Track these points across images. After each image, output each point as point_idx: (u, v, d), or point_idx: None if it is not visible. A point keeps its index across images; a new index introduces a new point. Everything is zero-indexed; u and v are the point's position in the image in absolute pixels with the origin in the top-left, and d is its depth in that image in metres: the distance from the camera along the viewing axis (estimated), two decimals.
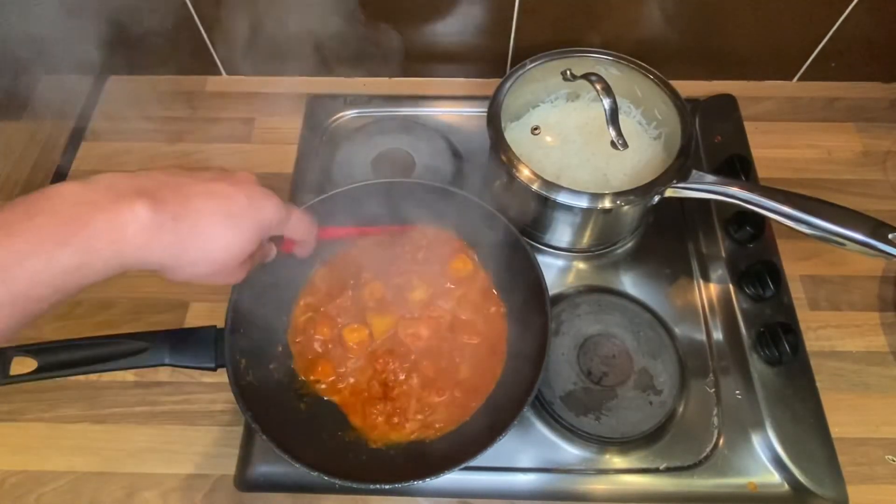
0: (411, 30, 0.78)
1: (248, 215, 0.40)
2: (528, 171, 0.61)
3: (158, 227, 0.35)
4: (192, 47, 0.81)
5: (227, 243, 0.39)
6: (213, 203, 0.38)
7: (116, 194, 0.34)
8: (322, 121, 0.82)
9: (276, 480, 0.58)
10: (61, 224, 0.32)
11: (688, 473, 0.58)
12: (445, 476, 0.49)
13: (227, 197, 0.39)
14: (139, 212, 0.34)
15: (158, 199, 0.35)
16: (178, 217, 0.36)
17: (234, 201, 0.39)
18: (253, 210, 0.40)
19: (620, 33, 0.78)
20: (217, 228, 0.38)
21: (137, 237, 0.34)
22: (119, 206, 0.34)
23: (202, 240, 0.38)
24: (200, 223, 0.37)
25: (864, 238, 0.54)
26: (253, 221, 0.40)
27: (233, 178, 0.41)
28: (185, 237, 0.36)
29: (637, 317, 0.64)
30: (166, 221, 0.35)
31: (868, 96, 0.83)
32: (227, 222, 0.39)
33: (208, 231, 0.38)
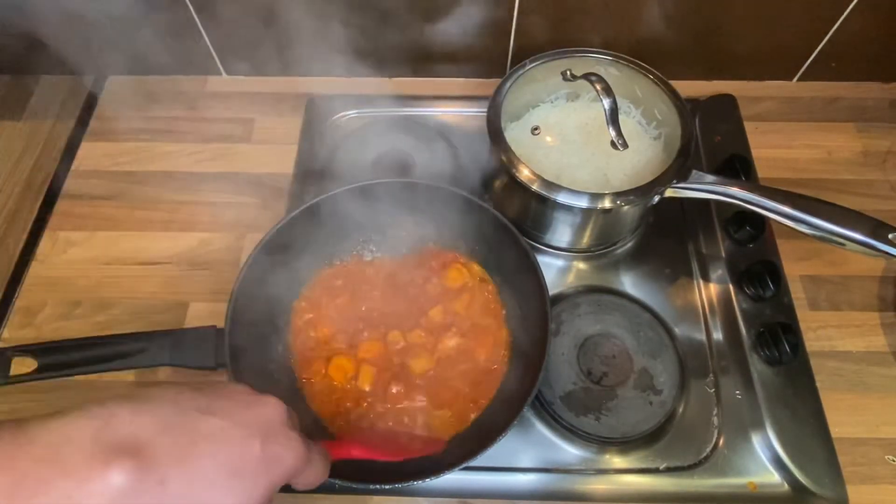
0: (411, 30, 0.78)
1: (259, 472, 0.32)
2: (528, 171, 0.61)
3: (137, 495, 0.28)
4: (192, 47, 0.81)
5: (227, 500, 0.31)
6: (217, 456, 0.30)
7: (98, 447, 0.27)
8: (322, 121, 0.82)
9: None
10: (13, 487, 0.26)
11: (688, 473, 0.58)
12: (445, 476, 0.49)
13: (236, 446, 0.31)
14: (113, 480, 0.27)
15: (148, 456, 0.28)
16: (166, 480, 0.28)
17: (244, 453, 0.31)
18: (267, 464, 0.32)
19: (620, 33, 0.78)
20: (216, 491, 0.30)
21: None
22: (91, 470, 0.27)
23: (194, 497, 0.30)
24: (195, 485, 0.29)
25: (864, 238, 0.54)
26: (265, 479, 0.32)
27: (254, 413, 0.33)
28: (170, 497, 0.29)
29: (637, 317, 0.64)
30: (151, 487, 0.28)
31: (868, 96, 0.83)
32: (231, 483, 0.31)
33: (203, 495, 0.30)
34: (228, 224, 0.73)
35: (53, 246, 0.73)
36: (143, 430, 0.29)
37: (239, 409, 0.33)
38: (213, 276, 0.69)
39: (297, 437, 0.35)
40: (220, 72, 0.86)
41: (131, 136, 0.81)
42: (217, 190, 0.76)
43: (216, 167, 0.78)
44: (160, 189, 0.76)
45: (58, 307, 0.68)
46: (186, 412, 0.31)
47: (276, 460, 0.33)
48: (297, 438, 0.35)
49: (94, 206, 0.75)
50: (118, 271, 0.70)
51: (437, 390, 0.59)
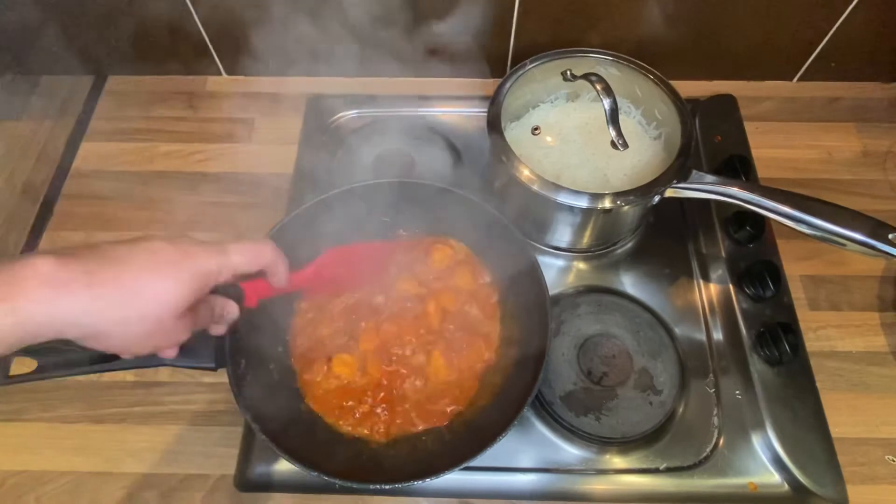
0: (411, 30, 0.78)
1: (178, 264, 0.38)
2: (528, 171, 0.61)
3: (66, 283, 0.33)
4: (192, 47, 0.81)
5: (157, 293, 0.36)
6: (137, 255, 0.36)
7: (20, 258, 0.33)
8: (322, 121, 0.82)
9: (276, 480, 0.58)
10: None
11: (688, 473, 0.58)
12: (445, 476, 0.49)
13: (153, 250, 0.37)
14: (39, 266, 0.32)
15: (68, 255, 0.34)
16: (91, 272, 0.34)
17: (161, 253, 0.37)
18: (183, 257, 0.38)
19: (620, 33, 0.78)
20: (144, 279, 0.36)
21: (38, 293, 0.32)
22: (16, 262, 0.32)
23: (127, 293, 0.35)
24: (123, 276, 0.35)
25: (864, 238, 0.54)
26: (185, 269, 0.38)
27: (166, 237, 0.39)
28: (104, 293, 0.34)
29: (637, 317, 0.64)
30: (78, 276, 0.33)
31: (868, 96, 0.83)
32: (156, 273, 0.37)
33: (133, 283, 0.35)
34: (228, 224, 0.73)
35: (53, 246, 0.73)
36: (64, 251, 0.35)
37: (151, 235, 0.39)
38: None
39: (208, 243, 0.40)
40: (220, 72, 0.86)
41: (131, 136, 0.81)
42: (217, 190, 0.76)
43: (216, 167, 0.78)
44: (160, 189, 0.76)
45: None
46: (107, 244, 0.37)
47: (191, 254, 0.38)
48: (210, 244, 0.40)
49: (94, 206, 0.75)
50: None
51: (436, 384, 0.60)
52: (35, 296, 0.32)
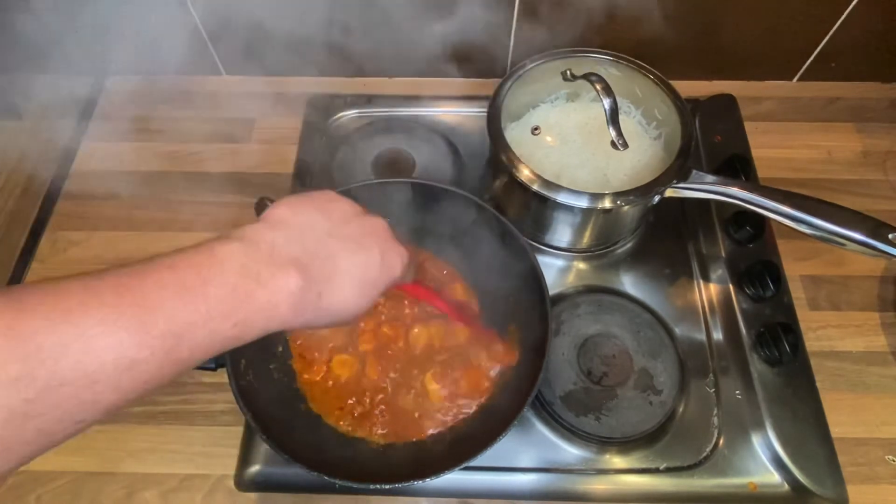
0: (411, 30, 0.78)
1: (380, 279, 0.41)
2: (528, 171, 0.61)
3: (304, 304, 0.36)
4: (192, 47, 0.81)
5: (357, 308, 0.40)
6: (354, 273, 0.39)
7: (275, 266, 0.35)
8: (322, 121, 0.82)
9: (276, 480, 0.58)
10: (229, 297, 0.33)
11: (688, 473, 0.58)
12: (445, 476, 0.49)
13: (365, 264, 0.40)
14: (293, 289, 0.35)
15: (310, 275, 0.36)
16: (322, 294, 0.37)
17: (370, 266, 0.40)
18: (385, 271, 0.41)
19: (620, 33, 0.78)
20: (351, 297, 0.39)
21: (286, 312, 0.35)
22: (277, 282, 0.34)
23: (337, 309, 0.38)
24: (337, 295, 0.38)
25: (864, 238, 0.54)
26: (383, 284, 0.41)
27: (369, 230, 0.41)
28: (322, 309, 0.37)
29: (637, 317, 0.64)
30: (312, 299, 0.36)
31: (868, 96, 0.83)
32: (362, 290, 0.40)
33: (344, 302, 0.39)
34: (228, 224, 0.72)
35: (53, 246, 0.73)
36: (299, 254, 0.36)
37: (357, 230, 0.40)
38: None
39: (402, 247, 0.43)
40: (220, 72, 0.86)
41: (131, 136, 0.81)
42: (217, 190, 0.76)
43: (216, 167, 0.78)
44: (160, 189, 0.76)
45: None
46: (324, 239, 0.38)
47: (390, 267, 0.41)
48: (402, 248, 0.43)
49: (94, 206, 0.75)
50: None
51: None
52: (284, 316, 0.35)
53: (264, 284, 0.34)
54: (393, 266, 0.42)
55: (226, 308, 0.32)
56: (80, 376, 0.28)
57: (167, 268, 0.32)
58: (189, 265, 0.32)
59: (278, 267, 0.35)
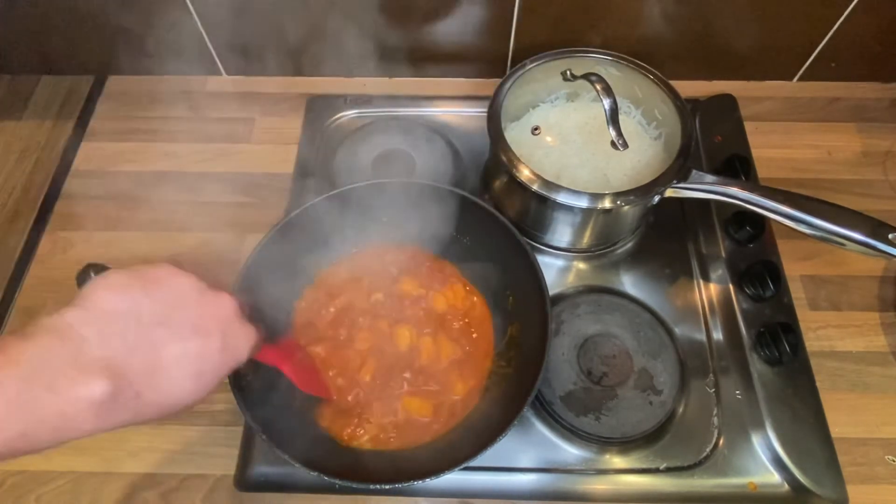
0: (411, 30, 0.78)
1: (221, 365, 0.38)
2: (528, 171, 0.61)
3: (116, 408, 0.33)
4: (192, 47, 0.81)
5: (192, 398, 0.37)
6: (185, 364, 0.35)
7: (78, 370, 0.31)
8: (322, 121, 0.82)
9: (276, 480, 0.58)
10: (6, 407, 0.29)
11: (688, 473, 0.58)
12: (445, 476, 0.49)
13: (200, 353, 0.36)
14: (97, 397, 0.31)
15: (125, 375, 0.33)
16: (142, 393, 0.34)
17: (207, 354, 0.36)
18: (227, 355, 0.38)
19: (620, 33, 0.78)
20: (182, 389, 0.36)
21: (88, 421, 0.32)
22: (76, 390, 0.31)
23: (164, 403, 0.35)
24: (163, 390, 0.35)
25: (864, 238, 0.54)
26: (226, 369, 0.38)
27: (210, 313, 0.37)
28: (145, 406, 0.34)
29: (637, 317, 0.64)
30: (128, 399, 0.33)
31: (868, 96, 0.83)
32: (198, 380, 0.36)
33: (171, 396, 0.35)
34: (228, 224, 0.73)
35: (53, 246, 0.73)
36: (114, 353, 0.32)
37: (196, 314, 0.36)
38: (213, 276, 0.69)
39: (249, 328, 0.40)
40: (220, 72, 0.86)
41: (131, 136, 0.81)
42: (217, 190, 0.76)
43: (216, 167, 0.78)
44: (160, 189, 0.76)
45: (58, 307, 0.67)
46: (149, 329, 0.34)
47: (232, 351, 0.38)
48: (250, 328, 0.40)
49: (94, 206, 0.75)
50: None
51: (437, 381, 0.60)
52: (85, 424, 0.32)
53: (57, 392, 0.30)
54: (237, 349, 0.38)
55: (3, 417, 0.29)
56: None
57: None
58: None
59: (80, 372, 0.31)
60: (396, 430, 0.57)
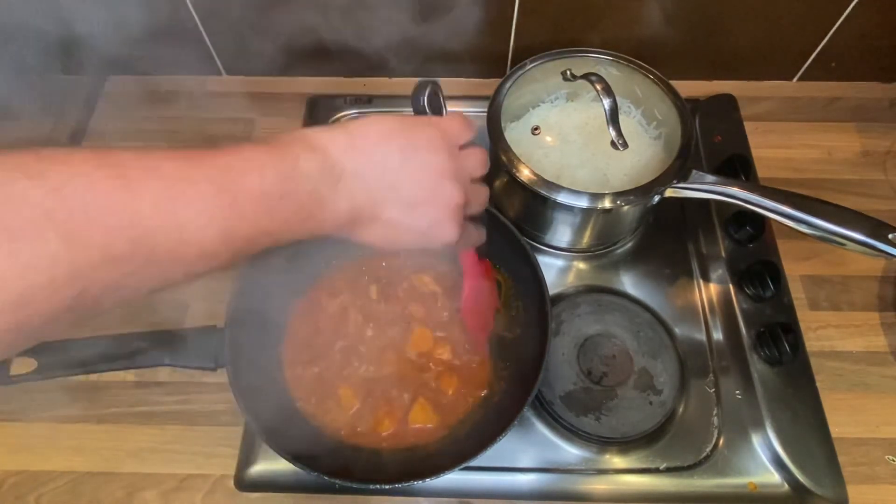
0: (411, 30, 0.78)
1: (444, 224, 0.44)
2: (528, 171, 0.61)
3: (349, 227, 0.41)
4: (192, 47, 0.81)
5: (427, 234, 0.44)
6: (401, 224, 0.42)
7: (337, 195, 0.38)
8: (322, 121, 0.82)
9: (276, 480, 0.58)
10: (295, 214, 0.37)
11: (688, 473, 0.58)
12: (445, 476, 0.49)
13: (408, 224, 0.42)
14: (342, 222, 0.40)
15: (360, 215, 0.40)
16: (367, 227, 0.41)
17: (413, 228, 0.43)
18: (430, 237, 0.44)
19: (620, 33, 0.78)
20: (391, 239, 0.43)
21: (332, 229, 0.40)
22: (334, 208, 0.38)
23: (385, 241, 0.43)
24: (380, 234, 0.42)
25: (864, 238, 0.54)
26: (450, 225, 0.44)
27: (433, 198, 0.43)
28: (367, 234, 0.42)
29: (637, 317, 0.64)
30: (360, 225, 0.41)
31: (868, 96, 0.83)
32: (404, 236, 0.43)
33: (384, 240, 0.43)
34: None
35: None
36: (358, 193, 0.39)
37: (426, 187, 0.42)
38: (213, 276, 0.69)
39: (454, 226, 0.44)
40: (220, 72, 0.86)
41: (131, 136, 0.81)
42: None
43: None
44: None
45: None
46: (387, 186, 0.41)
47: (434, 237, 0.44)
48: (454, 227, 0.44)
49: None
50: None
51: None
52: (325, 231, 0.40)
53: (322, 208, 0.38)
54: (439, 236, 0.44)
55: (295, 220, 0.37)
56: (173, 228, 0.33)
57: (258, 170, 0.35)
58: (277, 173, 0.35)
59: (337, 199, 0.38)
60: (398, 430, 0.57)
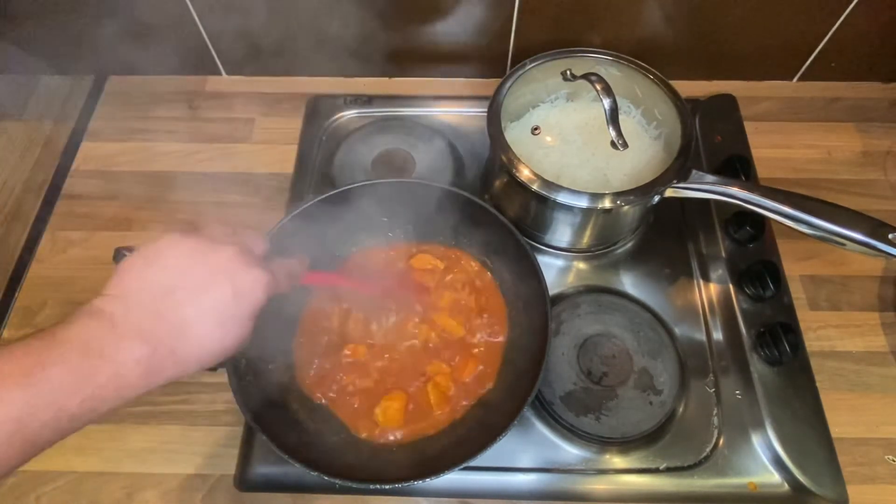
0: (412, 30, 0.78)
1: (240, 310, 0.41)
2: (528, 171, 0.61)
3: (158, 366, 0.37)
4: (192, 47, 0.81)
5: (223, 346, 0.40)
6: (206, 318, 0.39)
7: (118, 337, 0.36)
8: (322, 121, 0.82)
9: (276, 480, 0.58)
10: (71, 377, 0.34)
11: (688, 473, 0.58)
12: (445, 476, 0.49)
13: (215, 305, 0.40)
14: (139, 357, 0.36)
15: (158, 336, 0.37)
16: (176, 350, 0.38)
17: (221, 304, 0.40)
18: (243, 300, 0.41)
19: (620, 33, 0.78)
20: (212, 340, 0.40)
21: (138, 379, 0.37)
22: (121, 354, 0.36)
23: (200, 355, 0.40)
24: (194, 344, 0.39)
25: (864, 238, 0.54)
26: (247, 311, 0.41)
27: (216, 268, 0.40)
28: (182, 362, 0.39)
29: (637, 317, 0.64)
30: (165, 358, 0.38)
31: (868, 96, 0.83)
32: (223, 328, 0.40)
33: (203, 347, 0.40)
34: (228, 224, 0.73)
35: (53, 246, 0.73)
36: (140, 321, 0.37)
37: (203, 271, 0.40)
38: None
39: (257, 269, 0.42)
40: (220, 72, 0.86)
41: (131, 136, 0.81)
42: (217, 190, 0.76)
43: (216, 167, 0.78)
44: (160, 189, 0.76)
45: (58, 307, 0.68)
46: (169, 295, 0.39)
47: (247, 295, 0.41)
48: (257, 269, 0.42)
49: (94, 206, 0.75)
50: None
51: None
52: (137, 384, 0.36)
53: (109, 359, 0.35)
54: (251, 292, 0.41)
55: (69, 388, 0.34)
56: None
57: (5, 357, 0.33)
58: (26, 353, 0.34)
59: (121, 338, 0.36)
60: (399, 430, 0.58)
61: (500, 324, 0.63)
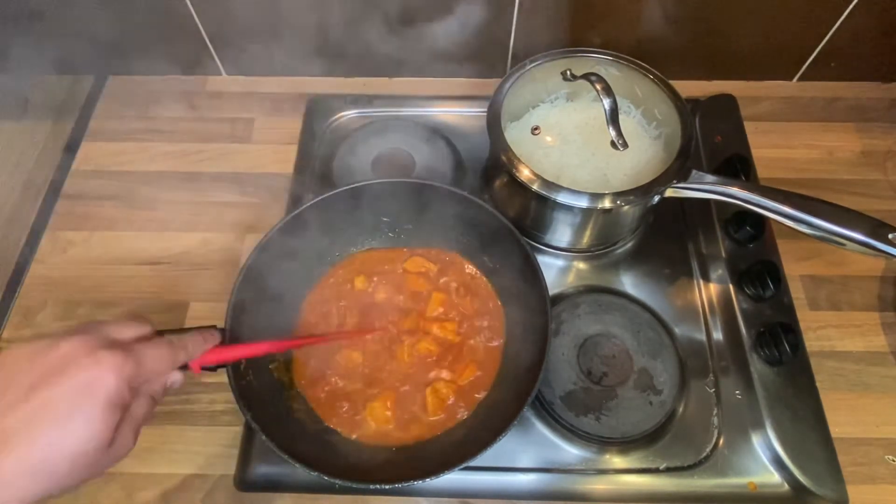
0: (412, 30, 0.78)
1: (81, 406, 0.35)
2: (528, 171, 0.61)
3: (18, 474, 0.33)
4: (192, 47, 0.81)
5: (63, 449, 0.35)
6: (33, 426, 0.34)
7: None
8: (322, 121, 0.82)
9: (276, 480, 0.58)
10: None
11: (688, 473, 0.58)
12: (445, 476, 0.49)
13: (45, 407, 0.34)
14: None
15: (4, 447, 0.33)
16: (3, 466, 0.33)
17: (54, 405, 0.35)
18: (82, 395, 0.35)
19: (620, 33, 0.78)
20: (43, 446, 0.34)
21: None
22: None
23: (30, 465, 0.34)
24: (20, 457, 0.34)
25: (864, 238, 0.54)
26: (89, 407, 0.36)
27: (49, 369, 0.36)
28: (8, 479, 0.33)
29: (637, 317, 0.64)
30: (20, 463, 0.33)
31: (868, 96, 0.83)
32: (57, 431, 0.34)
33: (34, 455, 0.34)
34: (228, 224, 0.73)
35: (53, 246, 0.73)
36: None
37: (32, 377, 0.35)
38: (213, 276, 0.69)
39: (104, 354, 0.37)
40: (220, 72, 0.86)
41: (131, 136, 0.81)
42: (217, 190, 0.76)
43: (216, 167, 0.78)
44: (160, 189, 0.76)
45: (58, 307, 0.68)
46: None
47: (94, 384, 0.36)
48: (105, 354, 0.37)
49: (94, 206, 0.75)
50: (118, 271, 0.70)
51: None
52: None
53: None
54: (96, 379, 0.36)
55: None
56: None
57: None
58: None
59: None
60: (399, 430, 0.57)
61: (496, 327, 0.63)
